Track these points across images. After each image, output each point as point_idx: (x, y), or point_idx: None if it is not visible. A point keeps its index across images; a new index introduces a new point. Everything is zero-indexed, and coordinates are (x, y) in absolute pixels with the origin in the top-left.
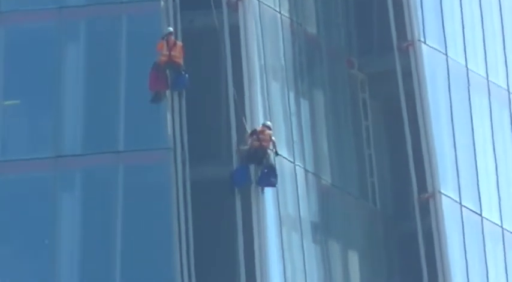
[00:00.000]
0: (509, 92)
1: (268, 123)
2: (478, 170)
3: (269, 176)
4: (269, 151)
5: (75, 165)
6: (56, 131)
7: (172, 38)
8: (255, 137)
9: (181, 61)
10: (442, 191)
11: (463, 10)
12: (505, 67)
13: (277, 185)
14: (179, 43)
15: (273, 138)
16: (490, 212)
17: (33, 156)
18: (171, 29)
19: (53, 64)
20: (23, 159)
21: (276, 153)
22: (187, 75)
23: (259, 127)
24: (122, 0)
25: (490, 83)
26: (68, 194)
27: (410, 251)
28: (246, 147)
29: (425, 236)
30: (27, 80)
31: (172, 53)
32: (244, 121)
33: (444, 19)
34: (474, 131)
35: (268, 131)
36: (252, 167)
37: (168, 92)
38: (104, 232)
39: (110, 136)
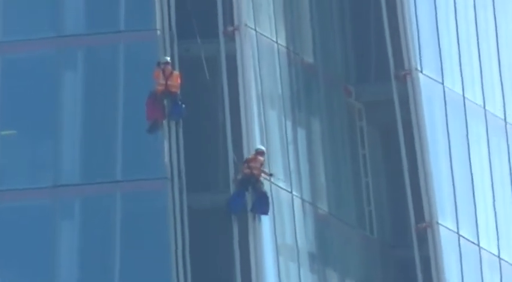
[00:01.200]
0: (506, 121)
1: (261, 147)
2: (476, 200)
3: (261, 204)
4: (261, 179)
5: (74, 194)
6: (54, 160)
7: (169, 67)
8: (245, 165)
9: (177, 90)
10: (440, 221)
11: (460, 40)
12: (501, 96)
13: (274, 214)
14: (176, 72)
15: (262, 166)
16: (488, 242)
17: (32, 185)
18: (168, 58)
19: (50, 93)
20: (22, 188)
21: (271, 175)
22: (183, 105)
23: (251, 155)
24: (119, 29)
25: (487, 112)
26: (67, 223)
27: (407, 280)
28: (239, 176)
29: (423, 265)
30: (24, 109)
31: (169, 82)
32: (234, 159)
33: (441, 48)
34: (471, 160)
35: (260, 158)
36: (247, 195)
37: (165, 122)
38: (103, 260)
39: (108, 165)
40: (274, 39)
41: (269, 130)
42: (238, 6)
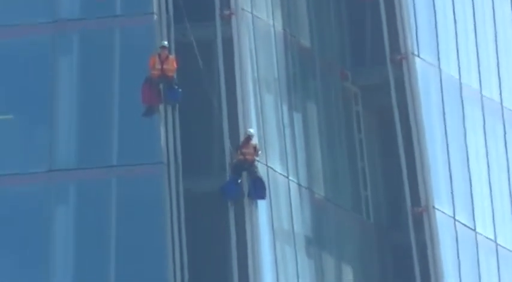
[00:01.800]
0: (502, 105)
1: (251, 130)
2: (472, 184)
3: (257, 189)
4: (256, 163)
5: (69, 179)
6: (50, 145)
7: (165, 51)
8: (239, 151)
9: (173, 75)
10: (436, 205)
11: (456, 23)
12: (498, 80)
13: (270, 199)
14: (171, 57)
15: (256, 147)
16: (484, 227)
17: (27, 170)
18: (165, 43)
19: (46, 77)
20: (17, 173)
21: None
22: (180, 89)
23: (242, 140)
24: (115, 14)
25: (483, 96)
26: (62, 208)
27: (404, 264)
28: (233, 162)
29: (419, 249)
30: (20, 94)
31: (165, 66)
32: (230, 148)
33: (438, 32)
34: (468, 144)
35: (252, 143)
36: (242, 181)
37: (161, 106)
38: (98, 245)
39: (104, 150)
40: (271, 23)
41: (265, 114)
42: None
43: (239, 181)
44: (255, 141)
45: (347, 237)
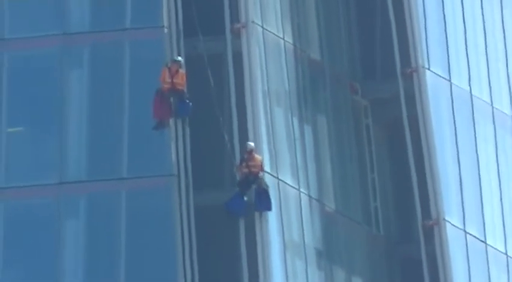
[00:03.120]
0: None
1: (251, 144)
2: (483, 197)
3: (262, 201)
4: (260, 175)
5: (79, 192)
6: (60, 158)
7: (175, 65)
8: (244, 164)
9: (184, 88)
10: (447, 218)
11: (467, 36)
12: (509, 93)
13: (281, 211)
14: (181, 71)
15: (260, 161)
16: (495, 239)
17: (38, 182)
18: (179, 58)
19: (56, 90)
20: (27, 185)
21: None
22: (190, 103)
23: (246, 154)
24: (125, 27)
25: (494, 109)
26: (72, 220)
27: (414, 277)
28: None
29: (429, 262)
30: (31, 107)
31: (175, 80)
32: (235, 166)
33: (448, 45)
34: (479, 157)
35: (257, 156)
36: (249, 193)
37: (171, 120)
38: (108, 258)
39: (114, 162)
40: (281, 36)
41: (275, 127)
42: (245, 3)
43: (245, 197)
44: (258, 153)
45: (357, 250)
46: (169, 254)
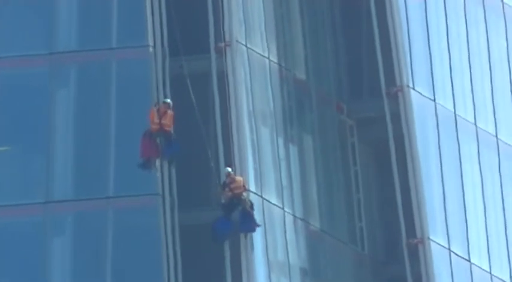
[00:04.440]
0: (497, 137)
1: (229, 169)
2: (467, 216)
3: (246, 222)
4: (243, 197)
5: (66, 211)
6: (47, 176)
7: (165, 107)
8: (226, 188)
9: (171, 129)
10: (431, 237)
11: (451, 56)
12: (493, 113)
13: (266, 231)
14: (170, 112)
15: (242, 181)
16: (479, 258)
17: (24, 201)
18: (168, 100)
19: (43, 109)
20: (14, 204)
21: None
22: (178, 143)
23: (227, 178)
24: (111, 46)
25: (478, 128)
26: (59, 239)
27: None
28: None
29: (414, 281)
30: (17, 125)
31: (163, 121)
32: (219, 190)
33: (433, 65)
34: (463, 176)
35: (238, 178)
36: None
37: (157, 160)
38: (94, 276)
39: (100, 181)
40: (266, 56)
41: (261, 147)
42: (230, 22)
43: (230, 219)
44: (238, 176)
45: (342, 269)
46: (154, 272)
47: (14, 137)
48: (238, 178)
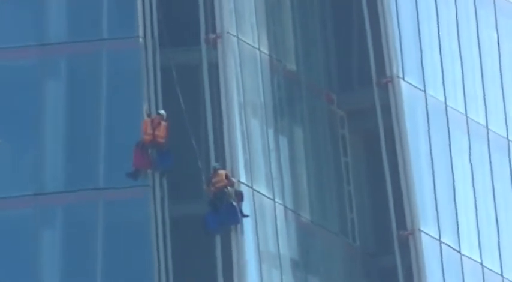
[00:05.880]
0: (488, 128)
1: (215, 164)
2: (458, 207)
3: (229, 215)
4: (226, 190)
5: (56, 202)
6: (37, 169)
7: (159, 118)
8: (210, 184)
9: (164, 141)
10: (422, 228)
11: (442, 47)
12: (483, 104)
13: (256, 221)
14: (163, 123)
15: (226, 174)
16: (470, 249)
17: (14, 193)
18: (163, 111)
19: (33, 100)
20: (4, 197)
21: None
22: (171, 155)
23: (212, 174)
24: (102, 37)
25: (469, 119)
26: (49, 231)
27: None
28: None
29: (405, 272)
30: (7, 117)
31: (156, 132)
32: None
33: (423, 56)
34: (454, 167)
35: (221, 172)
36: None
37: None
38: (85, 268)
39: (90, 173)
40: (257, 47)
41: (251, 138)
42: (221, 14)
43: (218, 213)
44: (223, 170)
45: (333, 260)
46: (145, 264)
47: (4, 129)
48: (221, 172)
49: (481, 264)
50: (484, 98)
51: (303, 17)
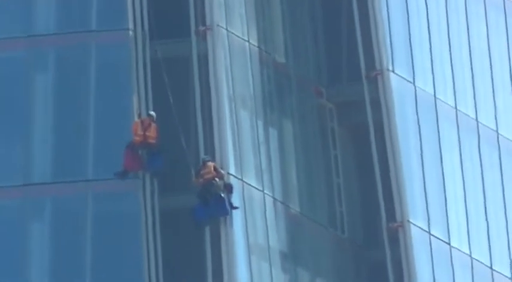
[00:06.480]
0: (477, 121)
1: (204, 157)
2: (447, 199)
3: (218, 206)
4: (214, 182)
5: (45, 194)
6: (26, 160)
7: (149, 119)
8: (199, 176)
9: (154, 142)
10: (411, 220)
11: (431, 39)
12: (473, 97)
13: (245, 213)
14: (154, 125)
15: (214, 166)
16: (459, 241)
17: (3, 184)
18: (153, 112)
19: (21, 92)
20: None
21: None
22: (162, 156)
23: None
24: (90, 29)
25: (458, 112)
26: (38, 222)
27: (379, 279)
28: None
29: (394, 265)
30: None
31: (147, 133)
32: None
33: (413, 48)
34: (443, 159)
35: (209, 164)
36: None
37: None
38: (74, 260)
39: (79, 164)
40: (246, 39)
41: (241, 130)
42: (210, 6)
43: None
44: (212, 162)
45: (322, 253)
46: (134, 257)
47: None
48: (210, 164)
49: (470, 256)
50: (474, 91)
51: (293, 9)
